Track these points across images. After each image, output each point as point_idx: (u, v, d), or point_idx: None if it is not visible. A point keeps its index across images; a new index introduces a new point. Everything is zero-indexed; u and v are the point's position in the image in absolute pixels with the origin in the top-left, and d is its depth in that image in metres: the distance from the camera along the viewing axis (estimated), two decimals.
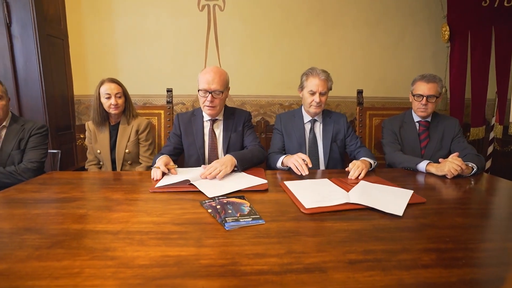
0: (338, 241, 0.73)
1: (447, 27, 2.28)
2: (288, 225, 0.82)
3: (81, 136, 2.55)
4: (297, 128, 1.69)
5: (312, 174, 1.38)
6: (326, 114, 1.72)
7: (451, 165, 1.28)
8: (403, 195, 1.05)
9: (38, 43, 2.13)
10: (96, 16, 2.47)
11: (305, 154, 1.61)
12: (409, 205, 0.97)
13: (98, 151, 1.71)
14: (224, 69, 1.55)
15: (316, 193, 1.08)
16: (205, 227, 0.81)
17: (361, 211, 0.93)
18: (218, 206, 0.94)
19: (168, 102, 2.15)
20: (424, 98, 1.60)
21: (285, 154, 1.66)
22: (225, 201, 0.99)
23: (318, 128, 1.69)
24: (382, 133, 1.80)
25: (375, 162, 1.45)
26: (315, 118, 1.68)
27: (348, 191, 1.09)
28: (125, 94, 1.70)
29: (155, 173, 1.27)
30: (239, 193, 1.09)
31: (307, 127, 1.70)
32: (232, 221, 0.83)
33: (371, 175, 1.36)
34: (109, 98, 1.63)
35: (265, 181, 1.20)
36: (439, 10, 2.44)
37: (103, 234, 0.76)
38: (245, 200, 1.01)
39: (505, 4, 2.14)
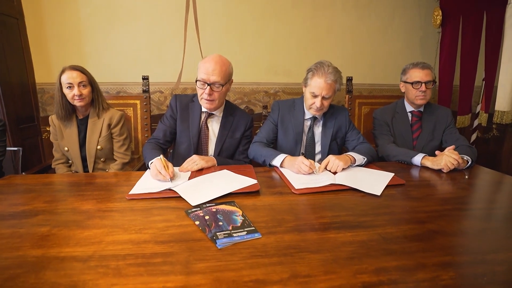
0: (346, 258, 0.65)
1: (439, 11, 2.19)
2: (288, 238, 0.73)
3: (47, 129, 2.30)
4: (295, 123, 1.52)
5: None
6: (328, 110, 1.52)
7: (448, 159, 1.24)
8: (384, 177, 1.16)
9: None
10: None
11: (301, 152, 1.53)
12: (388, 186, 1.08)
13: (66, 148, 1.52)
14: (213, 55, 1.36)
15: (305, 176, 1.18)
16: (194, 246, 0.70)
17: (345, 192, 1.04)
18: (207, 217, 0.83)
19: (144, 91, 1.96)
20: (423, 84, 1.53)
21: (272, 146, 1.55)
22: (214, 210, 0.88)
23: (318, 127, 1.54)
24: (373, 124, 1.73)
25: (364, 158, 1.33)
26: (316, 115, 1.51)
27: (335, 174, 1.20)
28: (91, 83, 1.50)
29: (160, 176, 1.10)
30: (228, 198, 0.98)
31: (307, 124, 1.54)
32: (224, 237, 0.72)
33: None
34: (71, 88, 1.43)
35: (255, 181, 1.10)
36: None
37: (70, 262, 0.63)
38: (236, 206, 0.91)
39: None
